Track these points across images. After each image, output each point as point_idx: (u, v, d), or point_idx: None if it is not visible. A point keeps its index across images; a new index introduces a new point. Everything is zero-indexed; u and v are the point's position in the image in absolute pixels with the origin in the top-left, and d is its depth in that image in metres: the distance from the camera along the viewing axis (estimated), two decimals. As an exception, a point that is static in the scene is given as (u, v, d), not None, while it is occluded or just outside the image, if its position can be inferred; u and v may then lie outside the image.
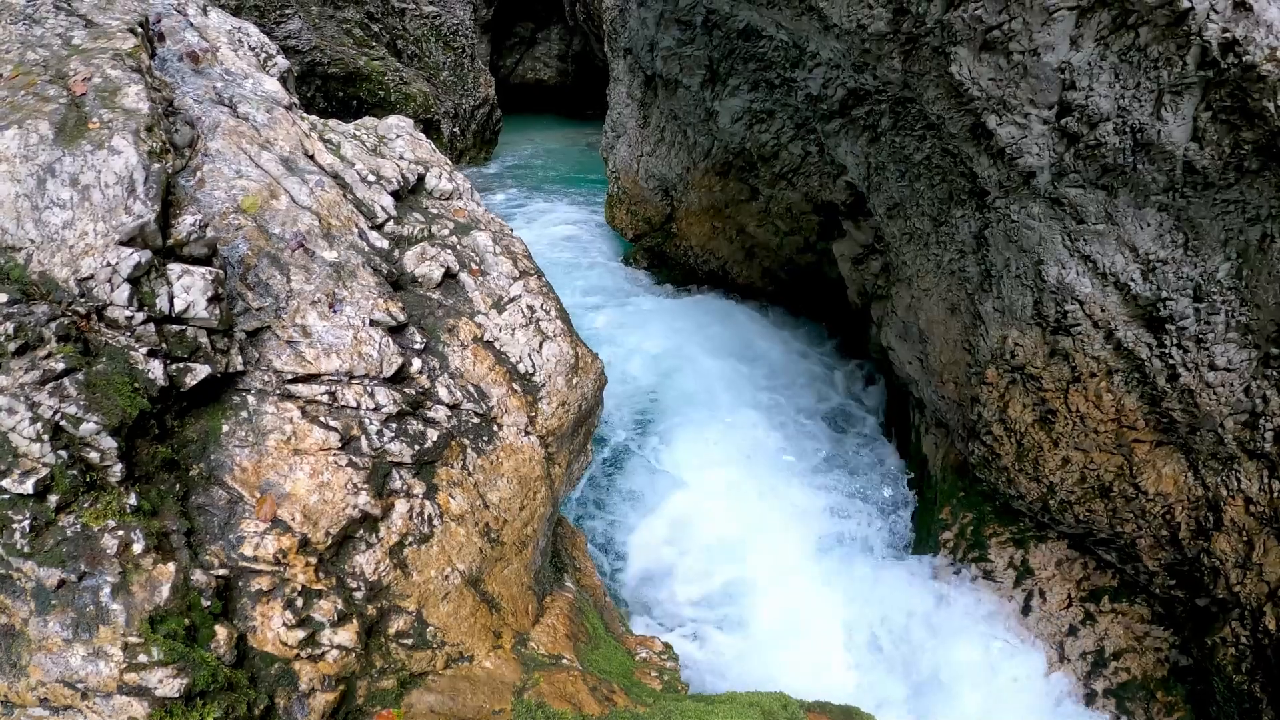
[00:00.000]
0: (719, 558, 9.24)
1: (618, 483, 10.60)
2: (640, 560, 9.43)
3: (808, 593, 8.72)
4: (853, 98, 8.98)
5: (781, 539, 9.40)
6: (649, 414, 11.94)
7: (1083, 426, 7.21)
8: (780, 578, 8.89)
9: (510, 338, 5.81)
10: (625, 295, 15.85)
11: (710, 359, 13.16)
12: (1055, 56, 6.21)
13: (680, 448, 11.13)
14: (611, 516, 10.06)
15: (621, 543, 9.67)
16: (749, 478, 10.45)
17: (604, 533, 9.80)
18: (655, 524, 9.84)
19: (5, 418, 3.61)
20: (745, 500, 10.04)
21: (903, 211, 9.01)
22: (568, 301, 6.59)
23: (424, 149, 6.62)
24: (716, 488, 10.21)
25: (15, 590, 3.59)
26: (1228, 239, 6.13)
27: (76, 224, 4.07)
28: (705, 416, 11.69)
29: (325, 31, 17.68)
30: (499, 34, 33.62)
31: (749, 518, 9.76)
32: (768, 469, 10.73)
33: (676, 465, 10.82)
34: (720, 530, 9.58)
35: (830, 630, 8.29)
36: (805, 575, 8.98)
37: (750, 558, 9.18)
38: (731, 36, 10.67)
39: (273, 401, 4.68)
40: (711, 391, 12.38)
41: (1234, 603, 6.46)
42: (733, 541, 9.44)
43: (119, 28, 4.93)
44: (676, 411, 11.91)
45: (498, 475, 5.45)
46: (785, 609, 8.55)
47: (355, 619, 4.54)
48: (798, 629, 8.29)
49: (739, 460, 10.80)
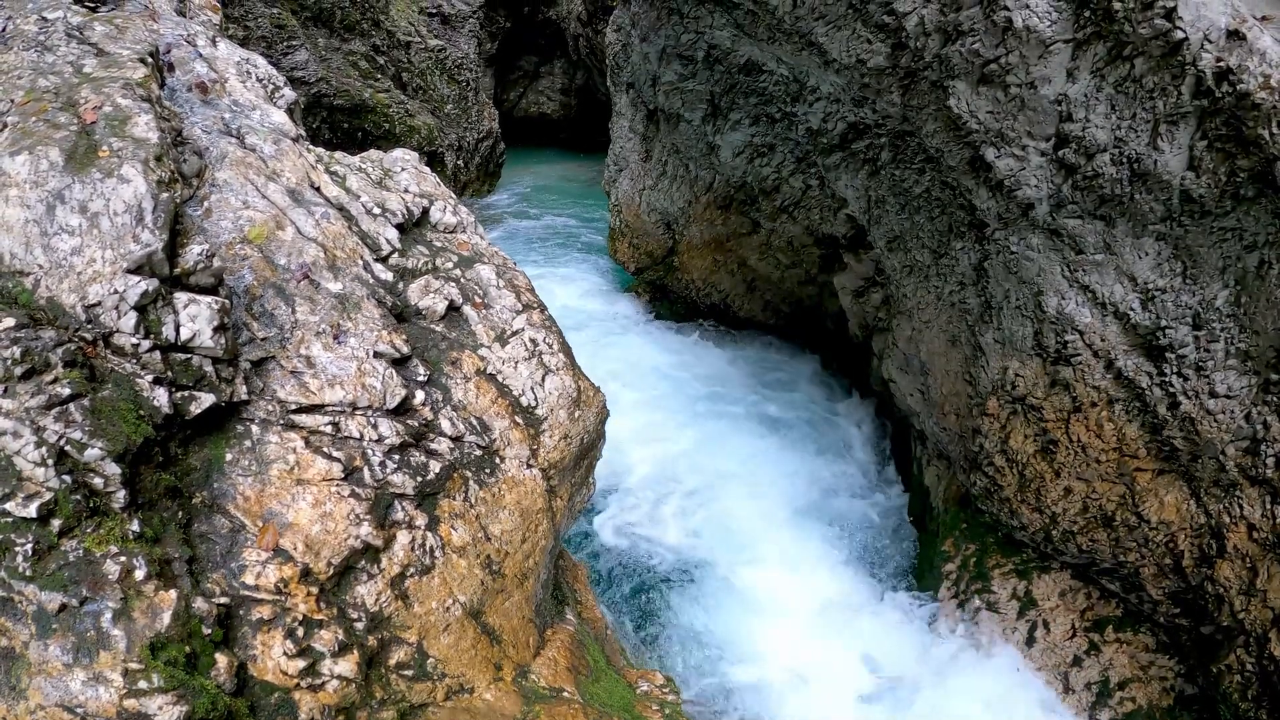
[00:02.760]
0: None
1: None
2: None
3: (808, 627, 8.66)
4: (853, 131, 9.07)
5: (780, 574, 9.37)
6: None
7: (1084, 456, 7.20)
8: (780, 612, 8.85)
9: (513, 371, 5.82)
10: (624, 330, 15.88)
11: (702, 387, 13.18)
12: (1052, 89, 6.29)
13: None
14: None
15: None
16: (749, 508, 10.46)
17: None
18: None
19: (10, 441, 3.63)
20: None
21: (903, 244, 9.06)
22: (567, 334, 6.61)
23: (429, 182, 6.67)
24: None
25: (16, 613, 3.58)
26: (1225, 266, 6.17)
27: (85, 250, 4.10)
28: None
29: (332, 63, 17.86)
30: (503, 68, 33.96)
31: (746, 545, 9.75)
32: (766, 501, 10.72)
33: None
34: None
35: (834, 666, 8.22)
36: (806, 609, 8.93)
37: (749, 591, 9.14)
38: (733, 71, 10.79)
39: (276, 431, 4.69)
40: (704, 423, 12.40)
41: (1239, 629, 6.41)
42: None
43: (129, 57, 4.98)
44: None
45: (500, 508, 5.44)
46: (787, 645, 8.49)
47: (356, 649, 4.52)
48: (802, 667, 8.22)
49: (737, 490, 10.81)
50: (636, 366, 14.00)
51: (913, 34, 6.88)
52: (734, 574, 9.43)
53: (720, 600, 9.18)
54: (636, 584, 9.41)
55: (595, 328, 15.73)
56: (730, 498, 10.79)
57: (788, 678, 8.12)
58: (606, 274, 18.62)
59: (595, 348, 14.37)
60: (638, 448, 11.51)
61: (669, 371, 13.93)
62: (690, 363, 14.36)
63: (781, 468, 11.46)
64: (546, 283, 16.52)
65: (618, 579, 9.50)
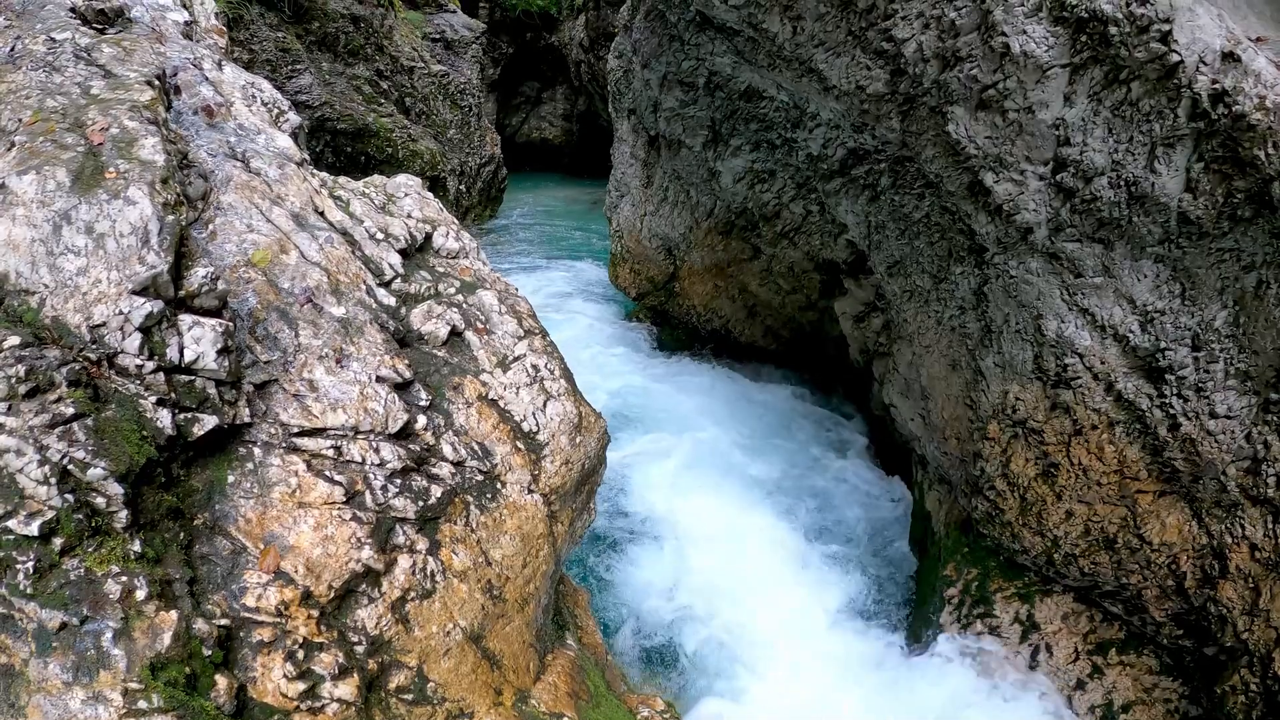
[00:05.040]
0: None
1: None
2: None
3: (807, 657, 8.62)
4: (852, 157, 9.13)
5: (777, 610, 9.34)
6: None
7: (1086, 479, 7.19)
8: (779, 645, 8.83)
9: (515, 396, 5.82)
10: (625, 355, 15.91)
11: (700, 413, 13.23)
12: (1049, 113, 6.34)
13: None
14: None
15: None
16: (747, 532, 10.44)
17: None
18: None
19: (14, 459, 3.63)
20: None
21: (903, 269, 9.09)
22: (567, 359, 6.62)
23: (432, 208, 6.70)
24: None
25: (16, 631, 3.57)
26: (1224, 287, 6.19)
27: (90, 271, 4.13)
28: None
29: (335, 88, 17.98)
30: (505, 93, 34.25)
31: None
32: (765, 529, 10.70)
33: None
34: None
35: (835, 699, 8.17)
36: (806, 641, 8.89)
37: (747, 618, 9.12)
38: (733, 98, 10.87)
39: (279, 454, 4.69)
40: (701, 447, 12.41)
41: (1242, 650, 6.38)
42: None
43: (137, 80, 5.03)
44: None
45: (501, 532, 5.43)
46: (786, 677, 8.44)
47: (356, 673, 4.50)
48: (799, 698, 8.17)
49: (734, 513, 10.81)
50: (636, 392, 14.00)
51: (911, 60, 6.94)
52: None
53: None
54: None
55: (595, 353, 15.76)
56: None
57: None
58: (608, 300, 18.67)
59: (595, 373, 14.39)
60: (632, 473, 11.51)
61: (669, 397, 13.92)
62: (689, 388, 14.37)
63: (778, 502, 11.47)
64: (547, 308, 16.59)
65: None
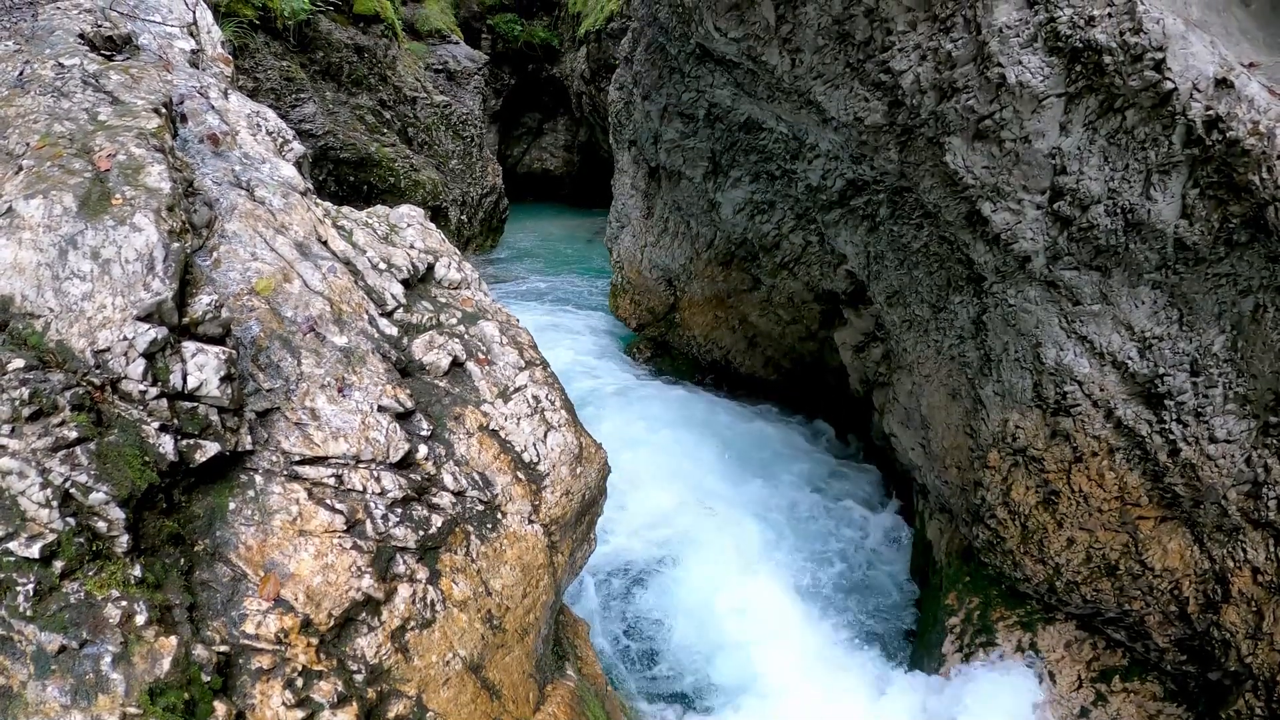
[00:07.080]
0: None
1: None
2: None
3: (806, 686, 8.54)
4: (851, 188, 9.21)
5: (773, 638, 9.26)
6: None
7: (1086, 506, 7.18)
8: (774, 675, 8.74)
9: (515, 427, 5.83)
10: (625, 386, 15.91)
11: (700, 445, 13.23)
12: (1046, 143, 6.40)
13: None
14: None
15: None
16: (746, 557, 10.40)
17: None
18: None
19: (16, 481, 3.64)
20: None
21: (902, 299, 9.14)
22: (568, 390, 6.63)
23: (434, 238, 6.75)
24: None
25: (15, 653, 3.56)
26: (1221, 312, 6.22)
27: (95, 296, 4.16)
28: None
29: (339, 117, 18.17)
30: (507, 124, 34.56)
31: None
32: (762, 557, 10.66)
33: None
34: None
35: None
36: (805, 670, 8.82)
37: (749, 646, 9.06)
38: (733, 129, 10.97)
39: (280, 482, 4.69)
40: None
41: (1246, 674, 6.33)
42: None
43: (144, 107, 5.08)
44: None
45: (501, 562, 5.41)
46: (783, 706, 8.36)
47: (355, 701, 4.47)
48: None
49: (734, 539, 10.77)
50: (636, 423, 13.99)
51: (909, 91, 7.02)
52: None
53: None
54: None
55: (596, 384, 15.76)
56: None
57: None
58: (608, 330, 18.71)
59: (595, 404, 14.39)
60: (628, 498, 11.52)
61: (668, 429, 13.90)
62: (688, 418, 14.35)
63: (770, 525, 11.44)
64: (548, 339, 16.59)
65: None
